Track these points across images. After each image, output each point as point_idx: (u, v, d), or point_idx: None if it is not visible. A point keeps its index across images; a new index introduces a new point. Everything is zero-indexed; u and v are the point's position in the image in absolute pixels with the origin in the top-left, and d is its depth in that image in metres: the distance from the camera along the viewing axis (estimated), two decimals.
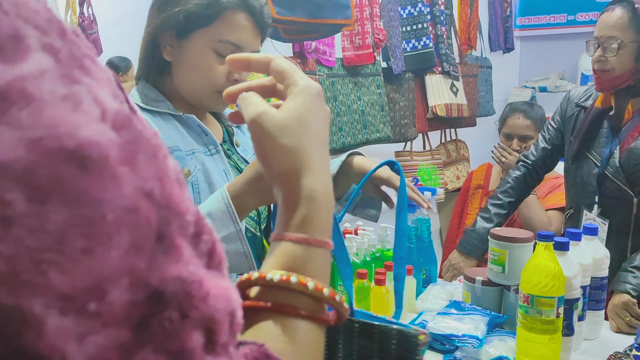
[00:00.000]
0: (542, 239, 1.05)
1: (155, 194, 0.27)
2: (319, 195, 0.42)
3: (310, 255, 0.40)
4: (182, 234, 0.28)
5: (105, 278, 0.24)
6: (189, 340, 0.27)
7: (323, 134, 0.44)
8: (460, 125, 3.21)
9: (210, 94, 1.04)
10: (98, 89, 0.27)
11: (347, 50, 2.35)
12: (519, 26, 4.10)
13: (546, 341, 1.03)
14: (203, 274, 0.28)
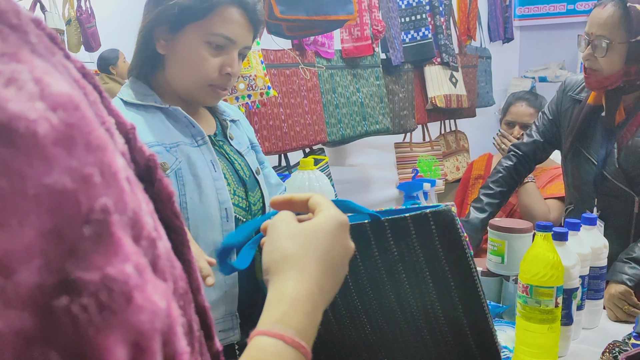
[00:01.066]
0: (541, 229, 1.05)
1: (94, 181, 0.26)
2: (305, 300, 0.44)
3: (283, 353, 0.41)
4: (124, 230, 0.27)
5: (14, 255, 0.23)
6: (110, 352, 0.24)
7: (333, 254, 0.49)
8: (460, 116, 3.21)
9: (202, 87, 1.04)
10: (46, 73, 0.27)
11: (345, 42, 2.34)
12: (518, 16, 4.08)
13: (545, 330, 1.04)
14: (135, 279, 0.27)
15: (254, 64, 1.72)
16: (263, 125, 1.93)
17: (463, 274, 0.75)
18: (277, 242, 0.50)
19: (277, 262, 0.48)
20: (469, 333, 0.78)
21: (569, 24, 3.88)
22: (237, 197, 1.07)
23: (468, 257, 0.74)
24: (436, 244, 0.74)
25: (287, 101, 2.04)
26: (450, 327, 0.78)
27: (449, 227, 0.73)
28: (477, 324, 0.77)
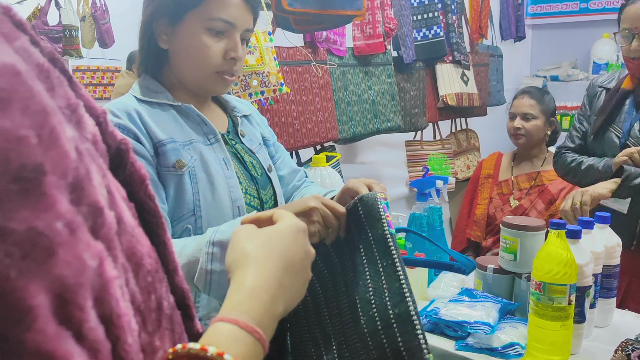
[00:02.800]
0: (554, 226, 1.05)
1: (29, 142, 0.28)
2: (261, 291, 0.48)
3: (237, 336, 0.43)
4: (60, 191, 0.30)
5: None
6: (26, 298, 0.27)
7: (291, 255, 0.54)
8: (471, 115, 3.20)
9: (209, 75, 1.04)
10: None
11: (357, 39, 2.35)
12: (530, 14, 4.06)
13: (558, 328, 1.04)
14: (63, 236, 0.29)
15: (267, 60, 1.73)
16: (275, 122, 1.94)
17: (384, 251, 0.80)
18: (238, 243, 0.54)
19: (237, 260, 0.52)
20: (392, 320, 0.78)
21: (581, 22, 3.86)
22: (249, 195, 1.08)
23: (387, 234, 0.80)
24: (364, 226, 0.82)
25: (299, 98, 2.04)
26: (380, 315, 0.79)
27: (371, 208, 0.82)
28: (399, 307, 0.78)
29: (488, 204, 2.38)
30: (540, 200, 2.26)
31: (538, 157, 2.33)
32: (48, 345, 0.27)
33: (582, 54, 3.91)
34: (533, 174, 2.32)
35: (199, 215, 1.00)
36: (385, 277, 0.79)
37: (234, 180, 1.05)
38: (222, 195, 1.02)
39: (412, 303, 0.76)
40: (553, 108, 2.28)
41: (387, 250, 0.80)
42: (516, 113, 2.23)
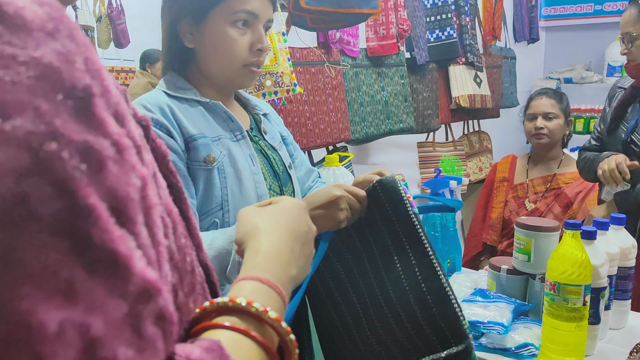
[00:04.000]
0: (569, 227, 1.05)
1: (77, 67, 0.30)
2: (277, 253, 0.51)
3: (261, 291, 0.45)
4: (112, 113, 0.32)
5: (9, 104, 0.27)
6: (90, 196, 0.29)
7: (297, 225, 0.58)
8: (484, 117, 3.19)
9: (238, 68, 1.05)
10: None
11: (371, 40, 2.35)
12: (544, 16, 4.04)
13: (572, 329, 1.03)
14: (111, 152, 0.30)
15: (281, 61, 1.74)
16: (288, 122, 1.95)
17: (409, 230, 0.82)
18: (246, 219, 0.57)
19: (247, 233, 0.55)
20: (426, 293, 0.80)
21: (596, 24, 3.83)
22: (272, 191, 1.09)
23: (410, 212, 0.83)
24: (387, 207, 0.84)
25: (312, 99, 2.05)
26: (412, 290, 0.81)
27: (392, 190, 0.85)
28: (431, 280, 0.79)
29: (503, 207, 2.37)
30: (557, 204, 2.24)
31: (555, 160, 2.31)
32: (112, 244, 0.29)
33: (596, 56, 3.88)
34: (549, 177, 2.30)
35: (226, 209, 1.01)
36: (412, 254, 0.81)
37: (259, 176, 1.07)
38: (248, 191, 1.04)
39: (444, 275, 0.79)
40: (569, 108, 2.28)
41: (413, 229, 0.82)
42: (537, 113, 2.21)
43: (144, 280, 0.30)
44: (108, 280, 0.29)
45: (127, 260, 0.30)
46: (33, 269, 0.27)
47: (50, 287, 0.27)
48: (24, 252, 0.27)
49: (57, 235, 0.27)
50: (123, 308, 0.29)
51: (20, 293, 0.26)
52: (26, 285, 0.26)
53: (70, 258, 0.28)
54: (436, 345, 0.78)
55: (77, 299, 0.28)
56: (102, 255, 0.29)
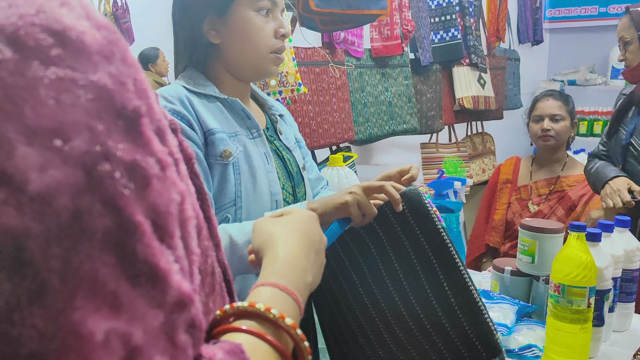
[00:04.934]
0: (574, 229, 1.05)
1: (128, 88, 0.33)
2: (293, 260, 0.53)
3: (277, 297, 0.47)
4: (156, 132, 0.34)
5: (68, 126, 0.29)
6: (136, 214, 0.31)
7: (311, 234, 0.60)
8: (487, 118, 3.19)
9: (266, 56, 1.06)
10: (90, 5, 0.34)
11: (375, 41, 2.35)
12: (548, 18, 4.04)
13: (576, 331, 1.03)
14: (156, 170, 0.33)
15: (286, 60, 1.74)
16: None
17: (438, 245, 0.82)
18: (262, 228, 0.59)
19: (264, 241, 0.57)
20: (457, 309, 0.80)
21: (600, 26, 3.83)
22: (285, 191, 1.09)
23: (439, 228, 0.83)
24: (410, 221, 0.84)
25: (316, 99, 2.05)
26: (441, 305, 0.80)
27: (417, 204, 0.84)
28: (462, 295, 0.79)
29: (506, 209, 2.36)
30: (560, 207, 2.24)
31: (559, 162, 2.31)
32: (154, 258, 0.32)
33: (601, 59, 3.88)
34: (552, 179, 2.29)
35: (239, 205, 1.02)
36: (440, 270, 0.80)
37: (273, 175, 1.07)
38: (262, 188, 1.04)
39: (475, 290, 0.78)
40: (575, 110, 2.27)
41: (442, 244, 0.81)
42: (543, 115, 2.21)
43: (180, 292, 0.33)
44: (148, 293, 0.31)
45: (166, 274, 0.32)
46: (85, 282, 0.29)
47: (99, 299, 0.29)
48: (77, 266, 0.29)
49: (105, 250, 0.30)
50: (160, 318, 0.32)
51: (73, 304, 0.28)
52: (78, 297, 0.28)
53: (116, 271, 0.30)
54: (465, 357, 0.79)
55: (121, 310, 0.30)
56: (144, 269, 0.31)
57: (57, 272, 0.28)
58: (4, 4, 0.31)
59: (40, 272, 0.28)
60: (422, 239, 0.83)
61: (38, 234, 0.28)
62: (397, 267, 0.85)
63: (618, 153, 1.82)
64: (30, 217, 0.28)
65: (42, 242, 0.28)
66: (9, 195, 0.28)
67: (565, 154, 2.32)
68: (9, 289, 0.27)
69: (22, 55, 0.29)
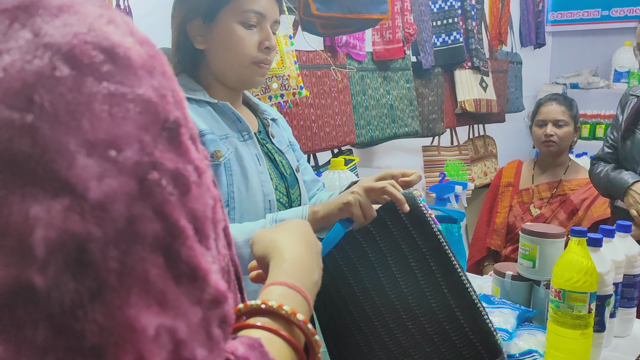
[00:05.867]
0: (575, 234, 1.05)
1: (168, 100, 0.35)
2: (300, 260, 0.55)
3: (287, 294, 0.49)
4: (191, 140, 0.37)
5: (121, 138, 0.32)
6: (180, 219, 0.34)
7: (309, 238, 0.61)
8: (489, 121, 3.18)
9: (248, 66, 1.08)
10: (130, 20, 0.37)
11: (377, 44, 2.35)
12: (551, 21, 4.03)
13: (577, 336, 1.03)
14: (194, 177, 0.35)
15: (288, 64, 1.74)
16: (294, 125, 1.95)
17: (435, 247, 0.82)
18: (263, 237, 0.61)
19: (268, 247, 0.58)
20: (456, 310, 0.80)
21: (603, 30, 3.82)
22: (278, 192, 1.10)
23: (435, 230, 0.83)
24: (407, 225, 0.84)
25: (318, 102, 2.05)
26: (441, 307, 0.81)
27: (413, 207, 0.84)
28: (462, 297, 0.79)
29: (508, 212, 2.36)
30: (562, 210, 2.23)
31: (561, 166, 2.30)
32: (195, 260, 0.34)
33: (603, 62, 3.87)
34: (555, 183, 2.29)
35: (232, 207, 1.02)
36: (438, 272, 0.81)
37: (265, 176, 1.08)
38: (254, 189, 1.05)
39: (474, 292, 0.78)
40: (578, 114, 2.27)
41: (439, 247, 0.81)
42: (547, 120, 2.20)
43: (217, 290, 0.36)
44: (190, 291, 0.34)
45: (205, 274, 0.35)
46: (138, 282, 0.31)
47: (150, 297, 0.32)
48: (131, 267, 0.31)
49: (155, 252, 0.32)
50: (199, 314, 0.34)
51: (129, 302, 0.31)
52: (133, 295, 0.31)
53: (164, 272, 0.33)
54: (467, 358, 0.79)
55: (168, 307, 0.32)
56: (187, 270, 0.34)
57: (115, 272, 0.31)
58: (58, 23, 0.33)
59: (100, 272, 0.30)
60: (419, 242, 0.83)
61: (98, 237, 0.30)
62: (395, 271, 0.85)
63: (637, 155, 1.80)
64: (91, 223, 0.30)
65: (102, 245, 0.30)
66: (73, 203, 0.30)
67: (568, 157, 2.32)
68: (73, 288, 0.30)
69: (78, 72, 0.32)
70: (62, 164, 0.30)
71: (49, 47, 0.32)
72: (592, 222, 2.07)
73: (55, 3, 0.34)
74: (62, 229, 0.30)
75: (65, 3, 0.34)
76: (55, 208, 0.30)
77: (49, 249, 0.30)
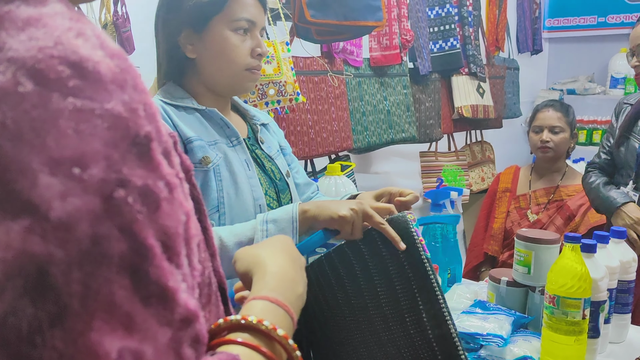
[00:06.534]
0: (569, 240, 1.05)
1: (139, 114, 0.34)
2: (283, 273, 0.54)
3: (270, 309, 0.48)
4: (163, 154, 0.36)
5: (87, 155, 0.31)
6: (148, 237, 0.33)
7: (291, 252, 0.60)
8: (486, 127, 3.19)
9: (240, 73, 1.09)
10: (102, 33, 0.36)
11: (374, 50, 2.36)
12: (547, 27, 4.05)
13: (572, 342, 1.03)
14: (165, 193, 0.34)
15: (284, 70, 1.75)
16: (291, 130, 1.96)
17: (421, 275, 0.81)
18: (245, 254, 0.59)
19: (251, 262, 0.57)
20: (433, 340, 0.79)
21: (599, 36, 3.84)
22: (269, 197, 1.10)
23: (423, 258, 0.81)
24: (395, 248, 0.83)
25: (315, 108, 2.06)
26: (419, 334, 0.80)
27: (405, 232, 0.83)
28: (439, 328, 0.79)
29: (505, 218, 2.36)
30: (559, 216, 2.24)
31: (558, 172, 2.31)
32: (164, 279, 0.33)
33: (600, 68, 3.88)
34: (551, 189, 2.30)
35: (222, 212, 1.03)
36: (421, 300, 0.80)
37: (255, 180, 1.09)
38: (244, 194, 1.06)
39: (452, 325, 0.78)
40: (575, 121, 2.28)
41: (425, 275, 0.80)
42: (543, 126, 2.21)
43: (186, 309, 0.35)
44: (159, 312, 0.33)
45: (174, 293, 0.34)
46: (102, 305, 0.30)
47: (114, 321, 0.31)
48: (96, 290, 0.30)
49: (121, 274, 0.31)
50: (168, 334, 0.33)
51: (91, 326, 0.30)
52: (96, 319, 0.30)
53: (131, 293, 0.32)
54: None
55: (135, 330, 0.32)
56: (155, 290, 0.33)
57: (78, 295, 0.30)
58: (24, 37, 0.32)
59: (62, 296, 0.29)
60: (406, 267, 0.83)
61: (61, 259, 0.29)
62: (379, 292, 0.84)
63: (632, 162, 1.81)
64: (53, 244, 0.29)
65: (64, 268, 0.29)
66: (34, 223, 0.29)
67: (565, 163, 2.32)
68: (32, 313, 0.29)
69: (43, 88, 0.31)
70: (24, 184, 0.29)
71: (12, 62, 0.31)
72: (589, 227, 2.07)
73: (23, 16, 0.33)
74: (21, 250, 0.29)
75: (33, 16, 0.33)
76: (14, 229, 0.29)
77: (6, 273, 0.29)
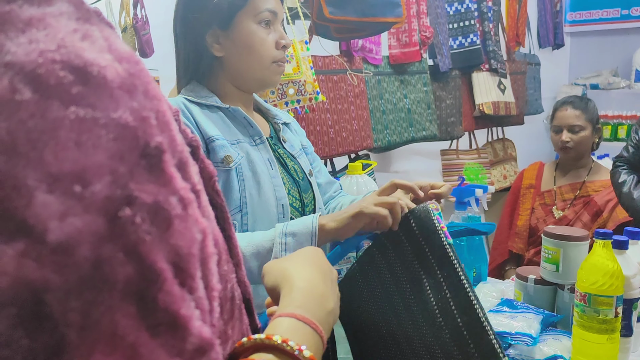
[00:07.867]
0: (600, 236, 1.02)
1: (150, 123, 0.31)
2: (311, 288, 0.52)
3: (296, 328, 0.45)
4: (177, 166, 0.33)
5: (89, 170, 0.28)
6: (158, 261, 0.30)
7: (321, 264, 0.58)
8: (508, 124, 3.15)
9: (269, 66, 1.09)
10: (111, 35, 0.33)
11: (393, 48, 2.35)
12: (569, 22, 3.99)
13: (604, 341, 1.00)
14: (178, 210, 0.32)
15: (304, 69, 1.74)
16: (310, 130, 1.95)
17: (444, 262, 0.80)
18: (273, 267, 0.57)
19: (278, 276, 0.54)
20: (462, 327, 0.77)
21: (623, 29, 3.76)
22: (291, 196, 1.10)
23: (445, 244, 0.80)
24: (419, 239, 0.82)
25: (335, 107, 2.05)
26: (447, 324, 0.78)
27: (426, 220, 0.83)
28: (467, 314, 0.77)
29: (530, 214, 2.32)
30: (586, 212, 2.19)
31: (584, 168, 2.26)
32: (174, 306, 0.30)
33: (624, 62, 3.81)
34: (577, 184, 2.25)
35: (245, 211, 1.02)
36: (447, 287, 0.79)
37: (278, 180, 1.08)
38: (267, 194, 1.05)
39: (481, 309, 0.76)
40: (597, 114, 2.22)
41: (448, 261, 0.79)
42: (562, 126, 2.17)
43: (200, 339, 0.32)
44: (168, 342, 0.30)
45: (187, 322, 0.31)
46: (104, 336, 0.28)
47: (117, 353, 0.28)
48: (97, 319, 0.28)
49: (126, 301, 0.29)
50: None
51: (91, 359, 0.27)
52: (97, 352, 0.28)
53: (136, 322, 0.29)
54: None
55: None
56: (164, 318, 0.30)
57: (76, 326, 0.27)
58: (23, 39, 0.29)
59: (59, 327, 0.27)
60: (430, 257, 0.82)
61: (58, 286, 0.27)
62: (407, 287, 0.83)
63: None
64: (50, 269, 0.27)
65: (62, 295, 0.27)
66: (29, 247, 0.27)
67: (591, 159, 2.28)
68: (27, 345, 0.26)
69: (42, 96, 0.28)
70: (19, 202, 0.27)
71: (10, 67, 0.28)
72: (617, 223, 2.02)
73: (24, 16, 0.30)
74: (15, 277, 0.26)
75: (35, 16, 0.30)
76: (7, 254, 0.26)
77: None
